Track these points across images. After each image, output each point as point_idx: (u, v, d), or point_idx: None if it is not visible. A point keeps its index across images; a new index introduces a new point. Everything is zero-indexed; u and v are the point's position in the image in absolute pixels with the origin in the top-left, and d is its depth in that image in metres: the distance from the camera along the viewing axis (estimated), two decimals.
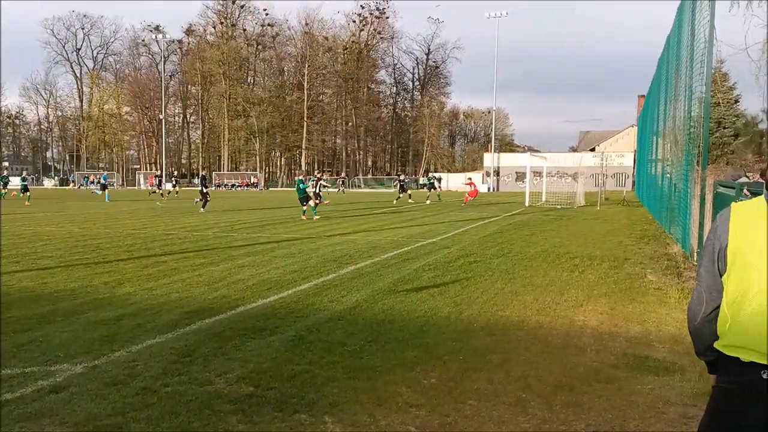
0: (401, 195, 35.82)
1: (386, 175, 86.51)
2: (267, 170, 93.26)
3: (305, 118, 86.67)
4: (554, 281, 9.20)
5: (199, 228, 18.27)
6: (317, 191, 27.68)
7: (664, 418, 4.21)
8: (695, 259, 10.47)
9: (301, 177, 26.13)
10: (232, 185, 76.74)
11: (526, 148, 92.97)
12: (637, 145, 43.00)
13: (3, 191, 37.30)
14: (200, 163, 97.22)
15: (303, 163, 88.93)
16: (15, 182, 47.88)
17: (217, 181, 78.91)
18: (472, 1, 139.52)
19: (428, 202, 35.39)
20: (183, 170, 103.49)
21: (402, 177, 38.06)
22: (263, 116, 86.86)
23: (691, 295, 2.37)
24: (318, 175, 29.02)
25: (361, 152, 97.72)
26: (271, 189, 75.07)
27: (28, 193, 35.96)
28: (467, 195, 35.13)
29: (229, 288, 8.59)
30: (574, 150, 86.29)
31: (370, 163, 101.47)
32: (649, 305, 7.58)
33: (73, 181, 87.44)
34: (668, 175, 15.66)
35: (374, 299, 7.83)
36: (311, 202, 22.57)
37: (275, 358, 5.38)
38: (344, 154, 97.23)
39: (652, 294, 8.27)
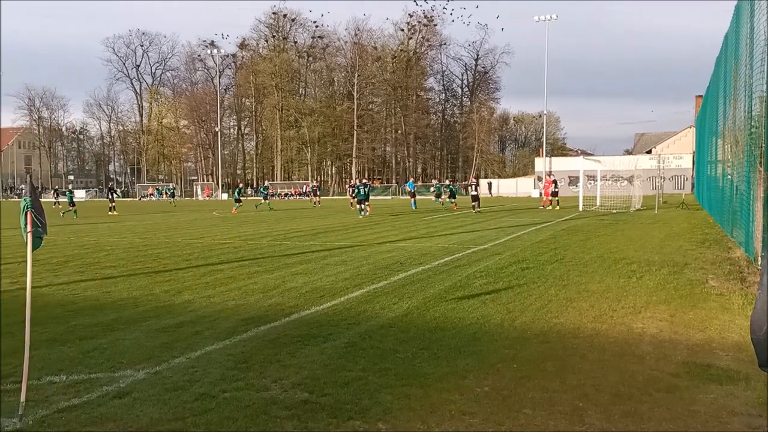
0: (450, 201, 35.51)
1: (437, 181, 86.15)
2: (319, 179, 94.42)
3: (355, 127, 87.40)
4: (611, 287, 9.00)
5: (253, 237, 18.63)
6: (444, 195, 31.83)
7: (728, 428, 4.06)
8: (759, 263, 10.07)
9: (364, 182, 29.84)
10: (285, 194, 77.92)
11: (579, 151, 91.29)
12: (696, 147, 41.65)
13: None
14: (254, 174, 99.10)
15: (354, 172, 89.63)
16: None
17: (270, 191, 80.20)
18: (521, 5, 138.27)
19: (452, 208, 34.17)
20: (238, 180, 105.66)
21: (447, 183, 36.89)
22: (314, 126, 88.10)
23: (755, 304, 2.30)
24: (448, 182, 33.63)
25: (411, 159, 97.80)
26: (321, 197, 75.86)
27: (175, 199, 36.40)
28: (544, 198, 35.28)
29: (284, 295, 8.74)
30: (629, 153, 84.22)
31: (420, 169, 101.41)
32: (711, 312, 7.33)
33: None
34: (729, 177, 15.12)
35: (426, 306, 7.83)
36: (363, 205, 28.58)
37: (329, 364, 5.45)
38: (394, 161, 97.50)
39: (714, 300, 8.00)
